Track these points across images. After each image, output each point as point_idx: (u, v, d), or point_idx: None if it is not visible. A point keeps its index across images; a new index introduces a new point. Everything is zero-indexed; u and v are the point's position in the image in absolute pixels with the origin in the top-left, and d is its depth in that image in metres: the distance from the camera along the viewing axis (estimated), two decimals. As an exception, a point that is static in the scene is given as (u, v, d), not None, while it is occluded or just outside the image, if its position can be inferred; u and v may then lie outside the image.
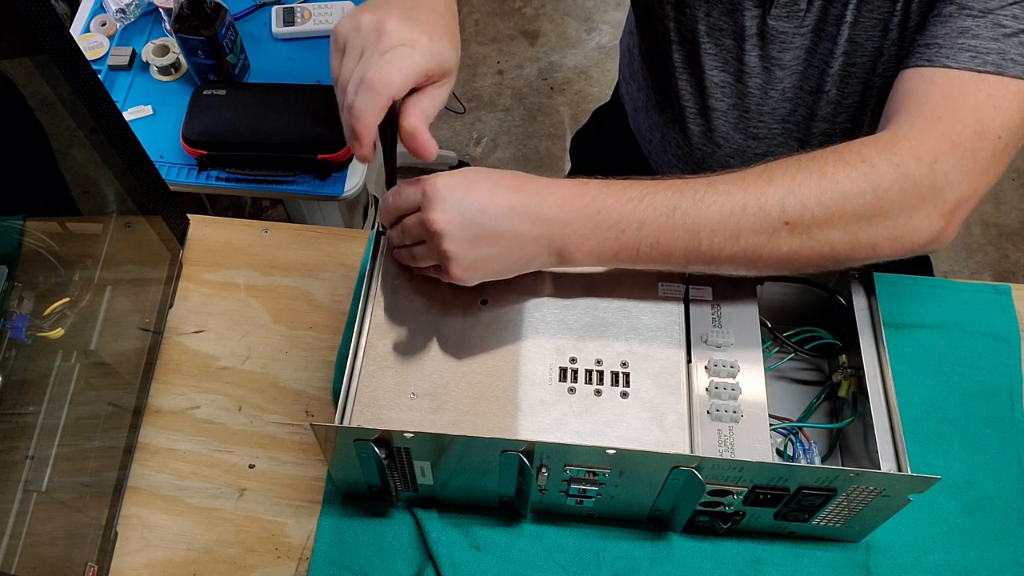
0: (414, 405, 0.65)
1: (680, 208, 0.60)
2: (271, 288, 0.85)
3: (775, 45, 0.78)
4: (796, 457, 0.72)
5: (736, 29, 0.79)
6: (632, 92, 1.03)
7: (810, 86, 0.81)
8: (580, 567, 0.71)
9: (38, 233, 0.70)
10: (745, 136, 0.86)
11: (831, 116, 0.82)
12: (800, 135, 0.85)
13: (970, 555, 0.72)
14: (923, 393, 0.78)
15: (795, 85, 0.81)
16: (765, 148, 0.86)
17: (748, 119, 0.85)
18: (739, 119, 0.85)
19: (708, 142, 0.88)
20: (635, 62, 0.99)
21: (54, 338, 0.69)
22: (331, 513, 0.73)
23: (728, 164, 0.88)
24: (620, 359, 0.67)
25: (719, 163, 0.89)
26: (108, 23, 1.32)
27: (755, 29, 0.78)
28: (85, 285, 0.72)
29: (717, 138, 0.87)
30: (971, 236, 1.91)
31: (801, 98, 0.82)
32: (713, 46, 0.81)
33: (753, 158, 0.86)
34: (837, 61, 0.77)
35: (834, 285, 0.72)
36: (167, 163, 1.20)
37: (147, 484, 0.75)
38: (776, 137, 0.85)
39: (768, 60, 0.79)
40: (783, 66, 0.79)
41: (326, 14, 1.32)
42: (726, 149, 0.87)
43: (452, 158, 1.96)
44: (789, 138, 0.85)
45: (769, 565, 0.71)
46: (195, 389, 0.80)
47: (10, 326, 0.66)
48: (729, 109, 0.85)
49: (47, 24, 0.58)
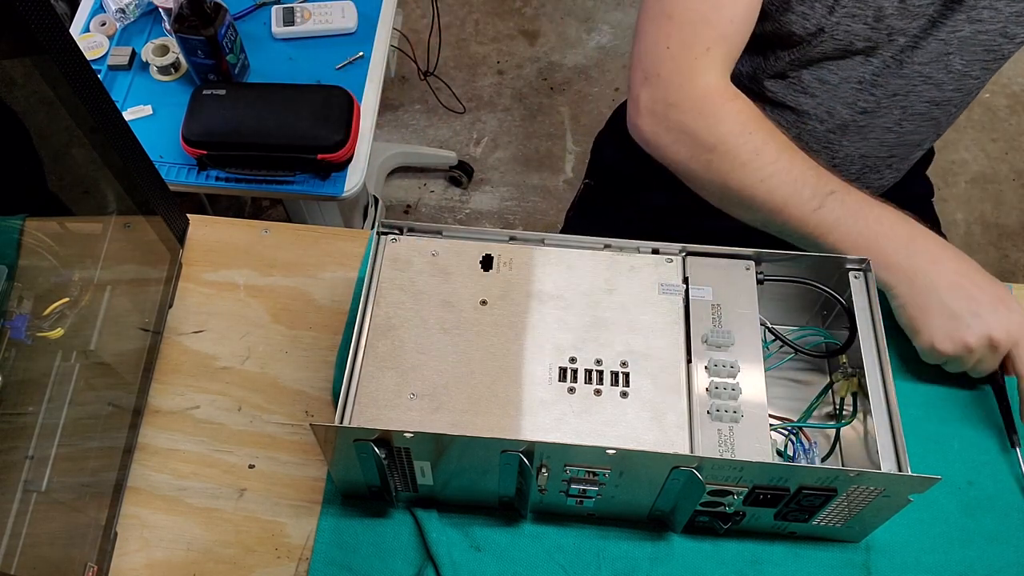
0: (414, 405, 0.65)
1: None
2: (271, 288, 0.85)
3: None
4: (796, 457, 0.71)
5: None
6: None
7: (929, 55, 0.82)
8: (580, 567, 0.71)
9: (38, 233, 0.70)
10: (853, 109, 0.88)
11: (943, 83, 0.85)
12: (905, 104, 0.87)
13: (970, 555, 0.72)
14: (923, 393, 0.78)
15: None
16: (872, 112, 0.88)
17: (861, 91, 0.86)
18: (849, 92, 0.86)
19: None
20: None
21: (54, 338, 0.69)
22: (331, 513, 0.73)
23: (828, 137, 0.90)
24: (620, 359, 0.67)
25: (819, 137, 0.91)
26: (108, 23, 1.32)
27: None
28: (85, 285, 0.72)
29: (823, 114, 0.89)
30: (971, 236, 1.91)
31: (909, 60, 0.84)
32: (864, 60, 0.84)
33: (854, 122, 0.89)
34: (969, 26, 0.79)
35: (834, 285, 0.72)
36: (167, 163, 1.20)
37: (147, 484, 0.75)
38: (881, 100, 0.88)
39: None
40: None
41: (326, 14, 1.32)
42: (830, 124, 0.89)
43: (452, 158, 1.96)
44: (894, 107, 0.88)
45: (769, 565, 0.71)
46: (195, 389, 0.80)
47: (10, 326, 0.66)
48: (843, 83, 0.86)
49: (47, 24, 0.58)
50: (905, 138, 0.92)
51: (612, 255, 0.72)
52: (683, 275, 0.71)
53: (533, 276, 0.71)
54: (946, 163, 2.02)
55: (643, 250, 0.72)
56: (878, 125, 0.88)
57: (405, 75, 2.13)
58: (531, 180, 2.01)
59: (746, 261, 0.72)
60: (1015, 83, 2.14)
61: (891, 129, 0.88)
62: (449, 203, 1.99)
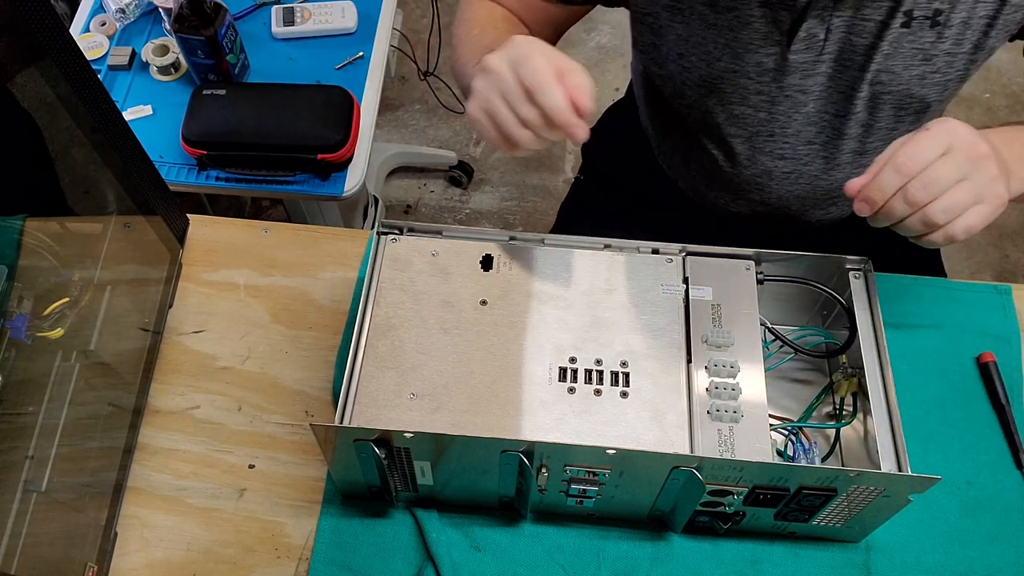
0: (414, 405, 0.65)
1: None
2: (271, 288, 0.85)
3: (795, 75, 0.78)
4: (796, 457, 0.71)
5: (751, 69, 0.79)
6: (647, 114, 1.02)
7: (835, 109, 0.81)
8: (580, 567, 0.71)
9: (38, 233, 0.70)
10: (771, 157, 0.86)
11: (861, 136, 0.83)
12: (827, 154, 0.85)
13: (970, 555, 0.72)
14: (923, 393, 0.78)
15: (820, 109, 0.81)
16: (792, 167, 0.87)
17: (773, 142, 0.85)
18: (764, 143, 0.86)
19: (732, 164, 0.89)
20: (645, 87, 0.98)
21: (54, 338, 0.69)
22: (331, 513, 0.73)
23: (756, 183, 0.89)
24: (620, 359, 0.67)
25: (745, 182, 0.90)
26: (108, 23, 1.32)
27: (772, 64, 0.78)
28: (85, 285, 0.72)
29: (742, 160, 0.88)
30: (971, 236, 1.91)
31: (827, 120, 0.82)
32: (729, 86, 0.81)
33: (780, 177, 0.88)
34: (866, 87, 0.78)
35: (834, 285, 0.72)
36: (167, 163, 1.20)
37: (147, 484, 0.75)
38: (803, 157, 0.86)
39: (790, 89, 0.80)
40: (805, 91, 0.80)
41: (326, 14, 1.32)
42: (752, 170, 0.88)
43: (452, 158, 1.96)
44: (816, 157, 0.86)
45: (769, 565, 0.71)
46: (195, 389, 0.80)
47: (10, 326, 0.66)
48: (752, 136, 0.85)
49: (47, 24, 0.58)
50: (838, 184, 0.89)
51: (612, 255, 0.72)
52: (683, 275, 0.71)
53: (533, 276, 0.71)
54: (946, 163, 2.02)
55: (643, 250, 0.72)
56: (806, 172, 0.87)
57: (405, 75, 2.13)
58: (531, 180, 2.01)
59: (746, 261, 0.72)
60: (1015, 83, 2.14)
61: (819, 177, 0.88)
62: (449, 203, 1.99)
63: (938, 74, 0.77)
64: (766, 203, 0.91)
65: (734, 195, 0.93)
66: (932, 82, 0.77)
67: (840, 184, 0.88)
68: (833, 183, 0.88)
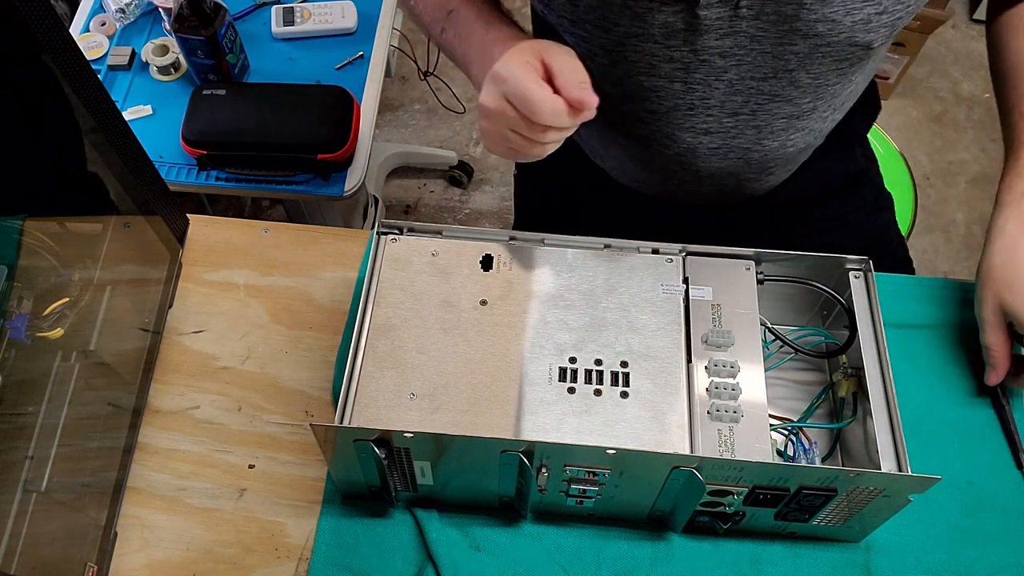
0: (414, 405, 0.65)
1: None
2: (271, 288, 0.85)
3: (710, 35, 0.71)
4: (796, 457, 0.71)
5: (656, 31, 0.71)
6: None
7: (762, 72, 0.74)
8: (580, 567, 0.70)
9: (38, 233, 0.70)
10: (694, 133, 0.80)
11: (796, 98, 0.77)
12: (758, 123, 0.79)
13: (970, 555, 0.72)
14: (923, 393, 0.78)
15: (744, 74, 0.74)
16: (720, 141, 0.81)
17: (694, 116, 0.78)
18: (683, 119, 0.79)
19: (653, 144, 0.83)
20: None
21: (54, 338, 0.69)
22: (331, 513, 0.73)
23: (681, 162, 0.84)
24: (620, 359, 0.67)
25: (671, 162, 0.84)
26: (108, 23, 1.32)
27: (681, 24, 0.70)
28: (85, 285, 0.72)
29: (663, 139, 0.81)
30: (971, 236, 1.91)
31: (754, 86, 0.75)
32: (634, 53, 0.74)
33: (707, 154, 0.82)
34: (800, 42, 0.70)
35: (834, 285, 0.72)
36: (167, 163, 1.20)
37: (147, 484, 0.75)
38: (730, 130, 0.80)
39: (706, 52, 0.72)
40: (724, 54, 0.72)
41: (326, 14, 1.32)
42: (674, 149, 0.82)
43: (452, 158, 1.96)
44: (746, 127, 0.80)
45: (769, 565, 0.71)
46: (195, 389, 0.80)
47: (10, 326, 0.66)
48: (669, 111, 0.78)
49: (47, 24, 0.57)
50: (774, 153, 0.84)
51: (612, 255, 0.72)
52: (683, 275, 0.71)
53: (533, 276, 0.71)
54: (946, 163, 2.02)
55: (643, 250, 0.72)
56: (735, 146, 0.79)
57: (405, 75, 2.13)
58: (531, 180, 2.01)
59: (746, 261, 0.72)
60: (1015, 83, 2.14)
61: (751, 149, 0.82)
62: (449, 203, 1.99)
63: (886, 15, 0.69)
64: (697, 181, 0.86)
65: (663, 176, 0.87)
66: (879, 23, 0.69)
67: (776, 152, 0.83)
68: (768, 152, 0.82)
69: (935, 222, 1.94)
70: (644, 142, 0.84)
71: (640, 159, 0.88)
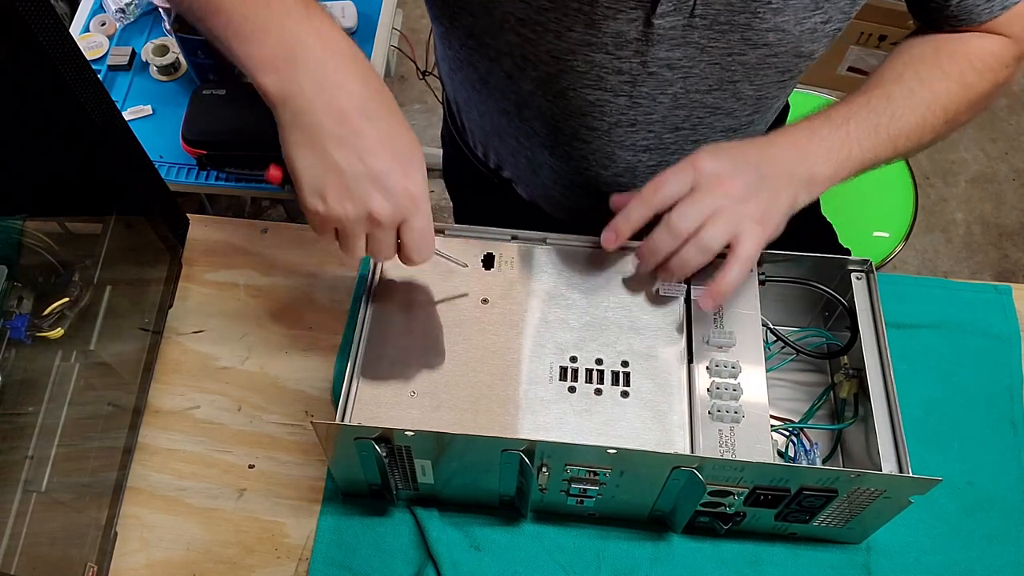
0: (414, 403, 0.65)
1: (881, 124, 0.70)
2: (271, 288, 0.85)
3: (661, 46, 0.68)
4: (797, 458, 0.71)
5: (608, 40, 0.68)
6: (474, 118, 0.88)
7: (707, 85, 0.72)
8: (580, 567, 0.70)
9: (38, 233, 0.70)
10: (634, 151, 0.77)
11: (737, 111, 0.76)
12: (697, 138, 0.78)
13: (970, 555, 0.72)
14: (923, 393, 0.78)
15: (689, 88, 0.72)
16: (658, 159, 0.79)
17: (635, 132, 0.76)
18: (625, 135, 0.76)
19: (591, 165, 0.79)
20: (466, 89, 0.84)
21: (54, 338, 0.69)
22: (331, 513, 0.73)
23: (617, 184, 0.80)
24: (621, 359, 0.67)
25: (605, 184, 0.81)
26: (108, 23, 1.32)
27: (635, 33, 0.67)
28: (85, 285, 0.72)
29: (602, 159, 0.78)
30: (971, 236, 1.91)
31: (697, 100, 0.74)
32: (583, 62, 0.70)
33: (645, 172, 0.79)
34: (749, 52, 0.69)
35: (836, 286, 0.72)
36: (167, 163, 1.20)
37: (147, 484, 0.75)
38: (670, 146, 0.78)
39: (655, 64, 0.70)
40: (673, 66, 0.70)
41: (326, 14, 1.32)
42: (613, 170, 0.79)
43: (452, 158, 1.96)
44: (685, 143, 0.78)
45: (769, 566, 0.71)
46: (195, 389, 0.80)
47: (10, 326, 0.66)
48: (611, 128, 0.75)
49: (47, 24, 0.57)
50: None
51: (614, 254, 0.72)
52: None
53: (534, 275, 0.71)
54: (946, 163, 2.02)
55: (644, 250, 0.72)
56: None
57: (404, 75, 2.13)
58: (531, 180, 2.01)
59: (747, 261, 0.72)
60: (1015, 83, 2.14)
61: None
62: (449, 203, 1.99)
63: (829, 24, 0.69)
64: None
65: (596, 200, 0.80)
66: (822, 33, 0.70)
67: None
68: None
69: (935, 222, 1.94)
70: (581, 163, 0.80)
71: (575, 183, 0.83)
